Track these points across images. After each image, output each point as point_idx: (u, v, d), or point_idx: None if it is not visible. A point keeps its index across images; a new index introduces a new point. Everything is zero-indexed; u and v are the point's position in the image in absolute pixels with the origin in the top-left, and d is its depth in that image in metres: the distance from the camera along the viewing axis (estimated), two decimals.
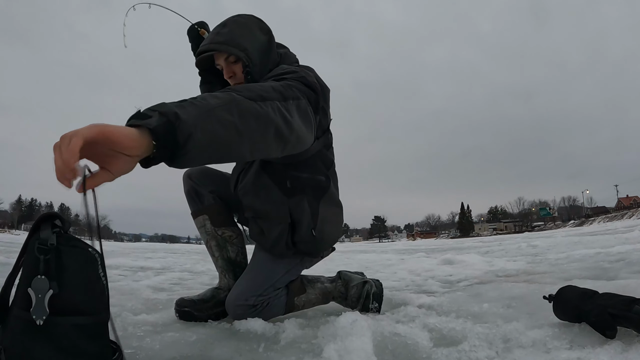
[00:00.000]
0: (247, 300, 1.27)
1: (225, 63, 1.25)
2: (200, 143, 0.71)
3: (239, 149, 0.79)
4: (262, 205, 1.29)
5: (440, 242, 23.76)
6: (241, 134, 0.78)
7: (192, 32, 1.49)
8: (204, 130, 0.71)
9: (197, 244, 67.38)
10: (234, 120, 0.76)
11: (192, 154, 0.71)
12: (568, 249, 4.35)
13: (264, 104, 0.83)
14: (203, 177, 1.44)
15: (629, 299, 0.87)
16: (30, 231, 0.78)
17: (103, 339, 0.79)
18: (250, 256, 1.44)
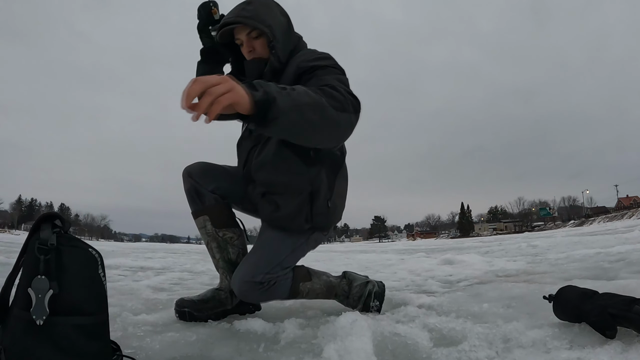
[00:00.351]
0: (254, 277, 1.26)
1: (247, 38, 1.30)
2: (281, 126, 0.90)
3: (308, 139, 1.01)
4: (281, 178, 1.29)
5: (440, 242, 23.76)
6: (314, 131, 0.97)
7: (205, 9, 1.44)
8: (289, 118, 0.89)
9: (197, 244, 67.29)
10: (314, 120, 0.94)
11: (271, 130, 0.91)
12: (568, 249, 4.35)
13: (341, 114, 1.00)
14: (204, 174, 1.43)
15: (629, 299, 0.87)
16: (30, 231, 0.78)
17: (103, 339, 0.79)
18: None
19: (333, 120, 0.98)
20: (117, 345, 0.87)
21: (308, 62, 1.22)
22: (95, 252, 0.79)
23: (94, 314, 0.76)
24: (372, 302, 1.44)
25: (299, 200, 1.29)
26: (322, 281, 1.44)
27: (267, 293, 1.29)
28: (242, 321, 1.27)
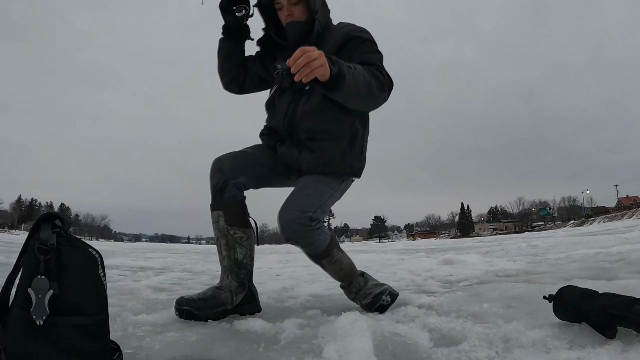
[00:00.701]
0: (305, 213, 1.34)
1: (287, 3, 1.43)
2: (343, 93, 1.21)
3: (355, 104, 1.35)
4: (326, 124, 1.43)
5: (440, 242, 23.76)
6: (361, 100, 1.31)
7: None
8: (350, 90, 1.21)
9: (197, 244, 67.20)
10: (364, 94, 1.26)
11: (335, 95, 1.23)
12: (568, 249, 4.34)
13: (380, 92, 1.31)
14: (235, 168, 1.48)
15: (629, 299, 0.87)
16: (30, 231, 0.78)
17: (103, 339, 0.79)
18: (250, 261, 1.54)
19: (375, 96, 1.30)
20: (117, 345, 0.87)
21: (355, 32, 1.44)
22: (96, 252, 0.79)
23: (94, 314, 0.76)
24: (384, 296, 1.46)
25: (340, 145, 1.44)
26: (349, 262, 1.53)
27: (311, 234, 1.37)
28: (242, 321, 1.27)
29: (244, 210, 1.50)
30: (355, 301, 1.52)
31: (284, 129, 1.48)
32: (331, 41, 1.43)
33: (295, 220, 1.34)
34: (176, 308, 1.37)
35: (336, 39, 1.43)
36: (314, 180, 1.44)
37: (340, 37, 1.43)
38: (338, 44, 1.41)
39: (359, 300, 1.51)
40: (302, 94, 1.44)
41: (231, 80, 1.61)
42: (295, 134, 1.46)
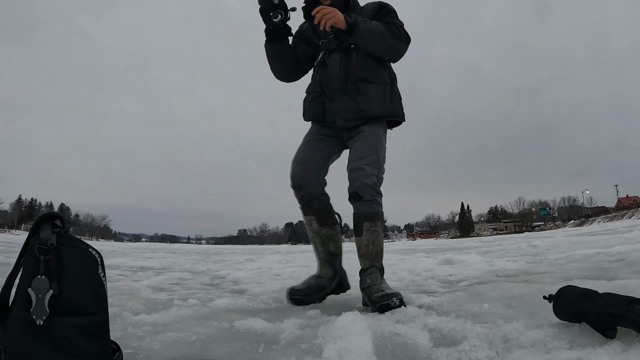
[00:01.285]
0: (372, 175, 1.60)
1: None
2: (359, 37, 1.61)
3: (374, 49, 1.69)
4: (374, 70, 1.72)
5: (440, 242, 23.76)
6: (376, 45, 1.66)
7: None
8: (364, 35, 1.61)
9: (197, 244, 67.17)
10: (377, 39, 1.63)
11: (353, 39, 1.62)
12: (568, 249, 4.34)
13: (394, 40, 1.66)
14: (309, 177, 1.76)
15: (629, 299, 0.87)
16: (30, 231, 0.78)
17: (103, 339, 0.79)
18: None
19: (388, 42, 1.64)
20: (117, 345, 0.87)
21: (386, 5, 1.77)
22: (96, 252, 0.79)
23: (94, 314, 0.76)
24: (395, 299, 1.44)
25: (386, 89, 1.73)
26: (382, 244, 1.66)
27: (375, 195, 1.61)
28: (242, 321, 1.27)
29: (331, 211, 1.81)
30: (365, 292, 1.55)
31: (339, 78, 1.72)
32: (366, 13, 1.75)
33: (368, 183, 1.58)
34: (290, 297, 1.65)
35: (371, 9, 1.77)
36: (369, 137, 1.67)
37: (375, 7, 1.77)
38: (373, 12, 1.75)
39: (369, 292, 1.52)
40: (349, 52, 1.74)
41: (287, 75, 1.86)
42: (352, 79, 1.70)
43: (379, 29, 1.60)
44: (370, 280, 1.57)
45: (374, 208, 1.61)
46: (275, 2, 1.63)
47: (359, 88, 1.69)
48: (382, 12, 1.74)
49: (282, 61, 1.80)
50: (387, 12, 1.74)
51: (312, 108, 1.82)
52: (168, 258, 6.23)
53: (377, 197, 1.62)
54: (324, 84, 1.77)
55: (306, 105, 1.86)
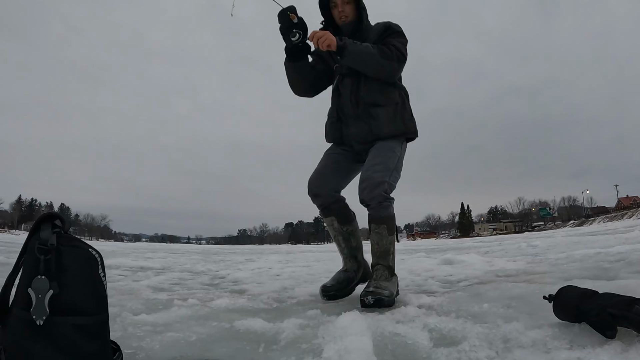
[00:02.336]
0: (382, 182, 1.70)
1: (341, 2, 1.86)
2: (348, 59, 1.75)
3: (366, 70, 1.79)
4: (382, 93, 1.84)
5: (440, 242, 23.75)
6: (367, 66, 1.76)
7: (283, 16, 1.72)
8: (352, 56, 1.73)
9: (197, 244, 67.11)
10: (367, 60, 1.74)
11: (344, 60, 1.77)
12: (568, 249, 4.34)
13: (385, 61, 1.74)
14: (324, 185, 1.90)
15: (629, 299, 0.87)
16: (30, 231, 0.78)
17: (103, 339, 0.79)
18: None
19: (378, 63, 1.74)
20: (117, 345, 0.87)
21: (392, 25, 1.87)
22: (96, 252, 0.79)
23: (94, 314, 0.76)
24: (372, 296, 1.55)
25: (396, 109, 1.84)
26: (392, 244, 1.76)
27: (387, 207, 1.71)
28: (242, 321, 1.27)
29: (348, 210, 1.94)
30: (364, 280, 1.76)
31: (351, 103, 1.86)
32: (375, 32, 1.86)
33: (374, 191, 1.69)
34: (324, 295, 1.79)
35: (379, 30, 1.87)
36: (381, 148, 1.80)
37: (381, 28, 1.87)
38: (380, 33, 1.85)
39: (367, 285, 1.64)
40: (359, 77, 1.85)
41: (306, 90, 1.98)
42: (362, 104, 1.84)
43: (367, 51, 1.72)
44: (375, 275, 1.69)
45: (379, 213, 1.71)
46: (294, 21, 1.72)
47: (370, 113, 1.83)
48: (386, 33, 1.84)
49: (301, 78, 1.92)
50: (390, 33, 1.84)
51: (331, 132, 1.98)
52: (168, 258, 6.23)
53: (384, 202, 1.71)
54: (339, 111, 1.93)
55: (327, 129, 2.02)
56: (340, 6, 1.86)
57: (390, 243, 1.74)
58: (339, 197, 1.93)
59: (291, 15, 1.72)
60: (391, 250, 1.76)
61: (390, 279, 1.70)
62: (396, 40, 1.80)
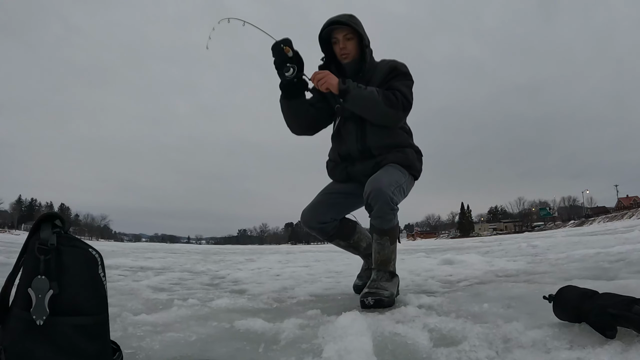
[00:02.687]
0: (389, 190, 1.61)
1: (343, 38, 1.75)
2: (350, 104, 1.66)
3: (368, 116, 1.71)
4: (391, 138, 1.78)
5: (440, 242, 23.74)
6: (369, 112, 1.68)
7: (277, 50, 1.64)
8: (355, 102, 1.65)
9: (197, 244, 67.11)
10: (369, 107, 1.65)
11: (346, 104, 1.68)
12: (568, 249, 4.34)
13: (389, 108, 1.65)
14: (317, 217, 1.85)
15: (629, 299, 0.87)
16: (30, 231, 0.78)
17: (103, 339, 0.79)
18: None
19: (382, 110, 1.65)
20: (117, 345, 0.87)
21: (398, 66, 1.77)
22: (96, 252, 0.79)
23: (94, 314, 0.76)
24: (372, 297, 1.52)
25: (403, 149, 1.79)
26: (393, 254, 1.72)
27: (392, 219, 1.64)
28: (242, 321, 1.27)
29: (347, 224, 1.92)
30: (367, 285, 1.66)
31: (358, 151, 1.79)
32: (379, 73, 1.77)
33: (381, 202, 1.59)
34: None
35: (384, 71, 1.77)
36: (389, 167, 1.72)
37: (386, 69, 1.77)
38: (385, 74, 1.76)
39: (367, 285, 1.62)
40: (363, 122, 1.76)
41: (304, 130, 1.89)
42: (369, 152, 1.78)
43: (371, 97, 1.63)
44: (375, 276, 1.66)
45: (382, 225, 1.65)
46: (289, 54, 1.61)
47: (377, 159, 1.78)
48: (392, 75, 1.75)
49: (297, 117, 1.82)
50: (396, 75, 1.75)
51: (337, 173, 1.91)
52: (168, 258, 6.23)
53: (388, 213, 1.62)
54: (344, 157, 1.86)
55: (330, 171, 1.96)
56: (342, 43, 1.76)
57: (392, 252, 1.71)
58: (334, 225, 1.88)
59: (285, 49, 1.61)
60: (392, 257, 1.73)
61: (390, 280, 1.68)
62: (402, 84, 1.72)
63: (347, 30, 1.73)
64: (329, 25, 1.73)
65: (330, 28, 1.74)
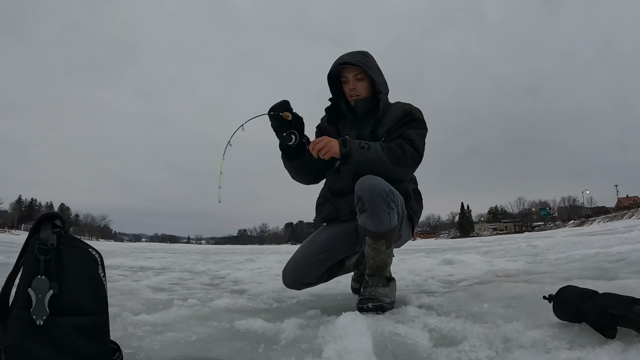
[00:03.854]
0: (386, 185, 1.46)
1: (353, 78, 1.66)
2: (353, 166, 1.54)
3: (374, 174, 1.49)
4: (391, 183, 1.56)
5: (440, 242, 23.74)
6: (375, 172, 1.50)
7: (275, 118, 1.55)
8: (358, 165, 1.52)
9: (197, 244, 67.13)
10: (374, 168, 1.51)
11: (348, 167, 1.55)
12: (568, 249, 4.34)
13: (396, 166, 1.54)
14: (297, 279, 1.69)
15: (629, 299, 0.87)
16: (30, 231, 0.78)
17: (103, 339, 0.79)
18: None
19: (387, 169, 1.52)
20: (117, 345, 0.87)
21: (412, 111, 1.67)
22: (96, 252, 0.79)
23: (94, 314, 0.76)
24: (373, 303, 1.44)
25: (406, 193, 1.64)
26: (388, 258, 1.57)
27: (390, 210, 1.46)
28: (242, 321, 1.27)
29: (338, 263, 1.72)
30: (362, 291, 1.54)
31: (351, 188, 1.57)
32: (393, 116, 1.66)
33: (376, 192, 1.44)
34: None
35: (397, 114, 1.66)
36: None
37: (400, 113, 1.66)
38: (398, 118, 1.65)
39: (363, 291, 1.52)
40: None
41: (311, 181, 1.80)
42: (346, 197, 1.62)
43: (375, 157, 1.51)
44: (371, 282, 1.53)
45: (377, 227, 1.46)
46: (288, 119, 1.54)
47: None
48: (405, 120, 1.64)
49: (301, 175, 1.75)
50: (410, 121, 1.64)
51: (324, 209, 1.73)
52: (168, 258, 6.23)
53: (384, 209, 1.45)
54: (334, 192, 1.71)
55: (317, 207, 1.79)
56: (351, 83, 1.66)
57: (388, 256, 1.54)
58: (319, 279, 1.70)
59: (284, 114, 1.53)
60: (389, 262, 1.58)
61: (388, 284, 1.56)
62: (415, 133, 1.60)
63: (358, 70, 1.64)
64: (339, 65, 1.65)
65: (340, 67, 1.66)
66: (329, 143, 1.52)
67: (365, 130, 1.69)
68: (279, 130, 1.58)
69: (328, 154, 1.52)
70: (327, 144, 1.52)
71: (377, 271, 1.55)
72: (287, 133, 1.56)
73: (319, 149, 1.51)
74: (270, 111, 1.55)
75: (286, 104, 1.57)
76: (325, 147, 1.51)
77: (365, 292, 1.50)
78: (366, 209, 1.45)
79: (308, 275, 1.66)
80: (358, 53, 1.67)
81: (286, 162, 1.70)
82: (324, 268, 1.67)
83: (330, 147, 1.52)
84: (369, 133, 1.68)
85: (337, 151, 1.51)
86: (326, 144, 1.52)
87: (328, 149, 1.52)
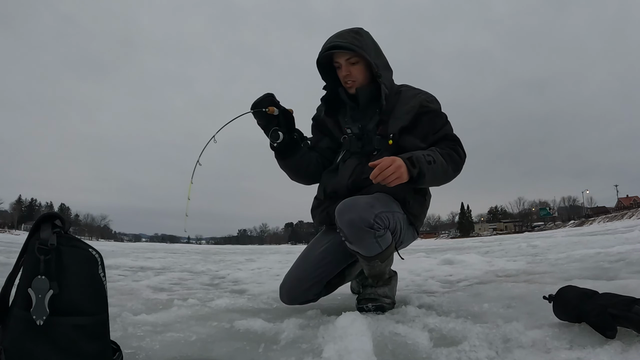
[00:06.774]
0: (368, 208, 1.29)
1: (345, 63, 1.44)
2: (423, 186, 1.38)
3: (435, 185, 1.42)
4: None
5: (440, 242, 23.73)
6: (438, 185, 1.42)
7: (260, 115, 1.41)
8: (429, 184, 1.39)
9: (197, 244, 67.17)
10: (441, 181, 1.39)
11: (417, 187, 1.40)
12: (568, 249, 4.34)
13: (455, 173, 1.42)
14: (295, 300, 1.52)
15: (629, 299, 0.87)
16: (30, 231, 0.78)
17: (103, 339, 0.79)
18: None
19: (450, 178, 1.41)
20: (117, 345, 0.87)
21: (429, 103, 1.47)
22: (96, 252, 0.79)
23: (94, 314, 0.76)
24: (373, 303, 1.44)
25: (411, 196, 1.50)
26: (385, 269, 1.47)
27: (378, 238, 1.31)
28: (242, 321, 1.27)
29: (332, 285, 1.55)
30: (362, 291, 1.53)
31: (346, 188, 1.46)
32: (405, 107, 1.45)
33: (359, 226, 1.27)
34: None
35: (411, 106, 1.45)
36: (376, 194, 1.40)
37: (415, 106, 1.45)
38: (413, 113, 1.44)
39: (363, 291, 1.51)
40: (368, 158, 1.44)
41: (311, 181, 1.63)
42: (357, 188, 1.45)
43: (443, 169, 1.34)
44: (371, 282, 1.51)
45: (369, 251, 1.35)
46: (275, 114, 1.38)
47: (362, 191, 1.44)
48: (428, 117, 1.44)
49: (298, 174, 1.58)
50: (435, 117, 1.46)
51: (316, 214, 1.58)
52: (168, 258, 6.24)
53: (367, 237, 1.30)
54: (328, 195, 1.53)
55: (312, 210, 1.63)
56: (344, 69, 1.45)
57: (386, 266, 1.45)
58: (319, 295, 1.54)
59: (269, 110, 1.37)
60: (387, 270, 1.49)
61: (388, 283, 1.52)
62: (452, 132, 1.46)
63: (350, 53, 1.42)
64: (327, 51, 1.42)
65: (329, 53, 1.44)
66: (399, 169, 1.23)
67: (370, 122, 1.51)
68: (266, 127, 1.43)
69: (398, 181, 1.23)
70: (397, 169, 1.22)
71: (375, 278, 1.50)
72: (273, 130, 1.41)
73: (386, 176, 1.21)
74: (252, 108, 1.39)
75: (270, 98, 1.40)
76: (394, 174, 1.22)
77: (365, 292, 1.50)
78: (351, 241, 1.34)
79: (306, 292, 1.51)
80: (349, 32, 1.43)
81: (280, 162, 1.54)
82: (322, 284, 1.51)
83: (399, 174, 1.23)
84: (375, 125, 1.49)
85: (405, 176, 1.25)
86: (396, 169, 1.22)
87: (399, 174, 1.23)
